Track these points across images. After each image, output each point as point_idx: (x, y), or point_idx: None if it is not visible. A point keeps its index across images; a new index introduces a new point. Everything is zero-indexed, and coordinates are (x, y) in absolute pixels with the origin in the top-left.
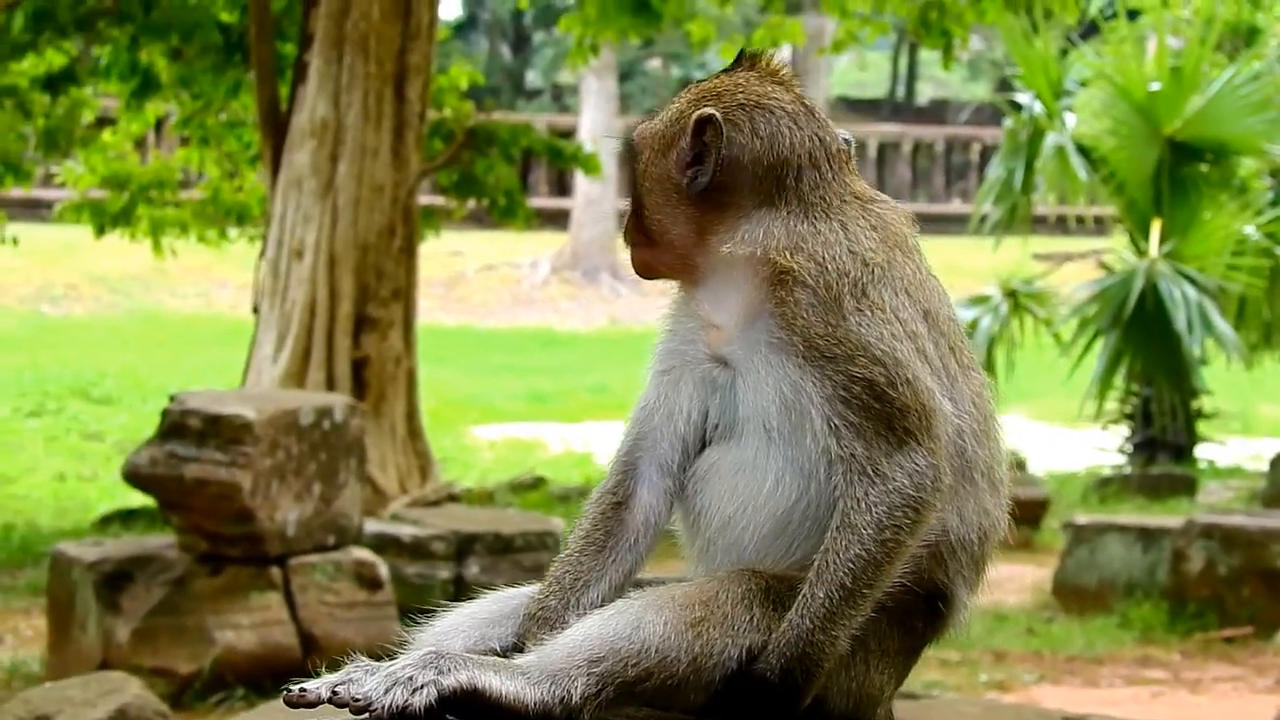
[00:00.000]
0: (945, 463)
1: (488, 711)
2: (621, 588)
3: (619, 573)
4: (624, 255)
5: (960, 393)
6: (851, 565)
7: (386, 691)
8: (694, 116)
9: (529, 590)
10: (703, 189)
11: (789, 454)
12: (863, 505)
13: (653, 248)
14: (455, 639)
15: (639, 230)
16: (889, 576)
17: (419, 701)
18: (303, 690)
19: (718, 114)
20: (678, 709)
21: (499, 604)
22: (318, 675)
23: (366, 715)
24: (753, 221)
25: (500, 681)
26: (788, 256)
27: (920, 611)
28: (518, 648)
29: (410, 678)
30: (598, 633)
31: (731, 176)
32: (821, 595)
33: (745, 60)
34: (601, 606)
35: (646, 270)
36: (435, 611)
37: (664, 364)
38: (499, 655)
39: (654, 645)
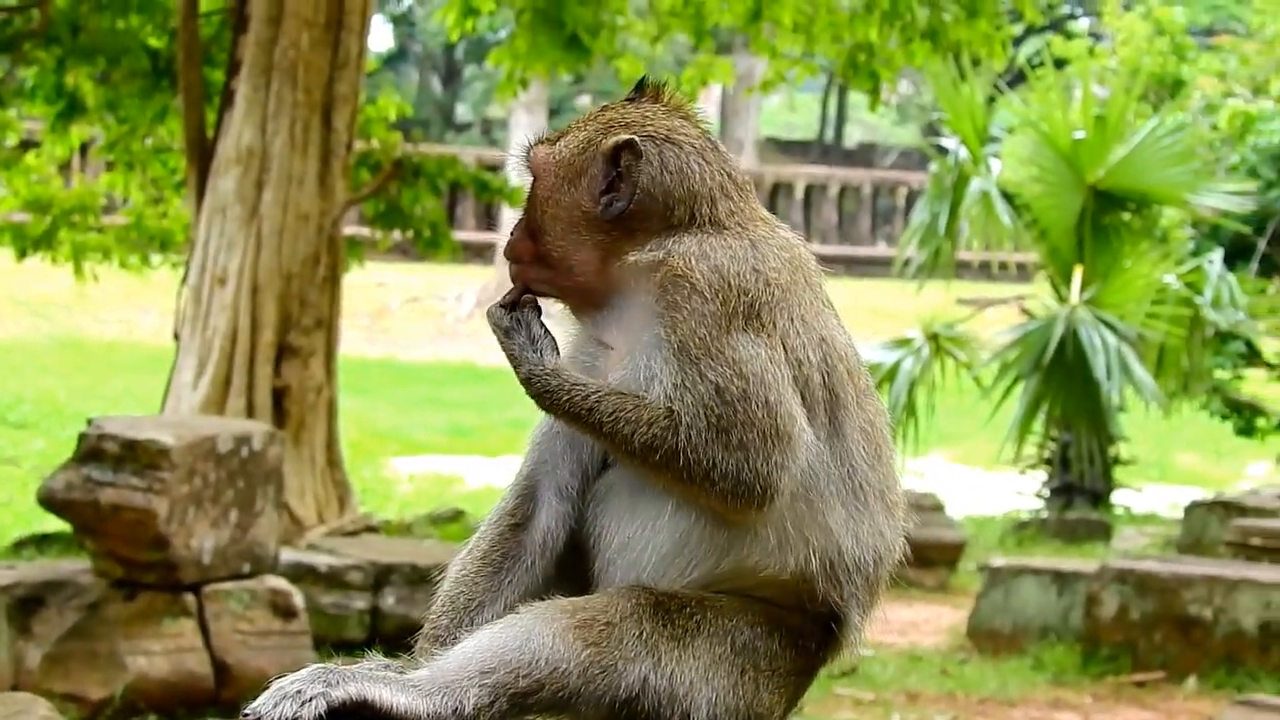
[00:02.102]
0: (775, 486)
1: None
2: (515, 609)
3: (514, 594)
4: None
5: (853, 419)
6: (614, 423)
7: (275, 705)
8: (610, 143)
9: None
10: (615, 215)
11: None
12: (672, 426)
13: (548, 270)
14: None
15: (534, 253)
16: (624, 456)
17: (308, 714)
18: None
19: (637, 139)
20: None
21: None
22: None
23: None
24: (663, 239)
25: (391, 693)
26: (691, 262)
27: (813, 632)
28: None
29: (299, 691)
30: (488, 644)
31: (644, 205)
32: (594, 400)
33: (648, 91)
34: None
35: (527, 286)
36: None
37: None
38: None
39: (544, 656)
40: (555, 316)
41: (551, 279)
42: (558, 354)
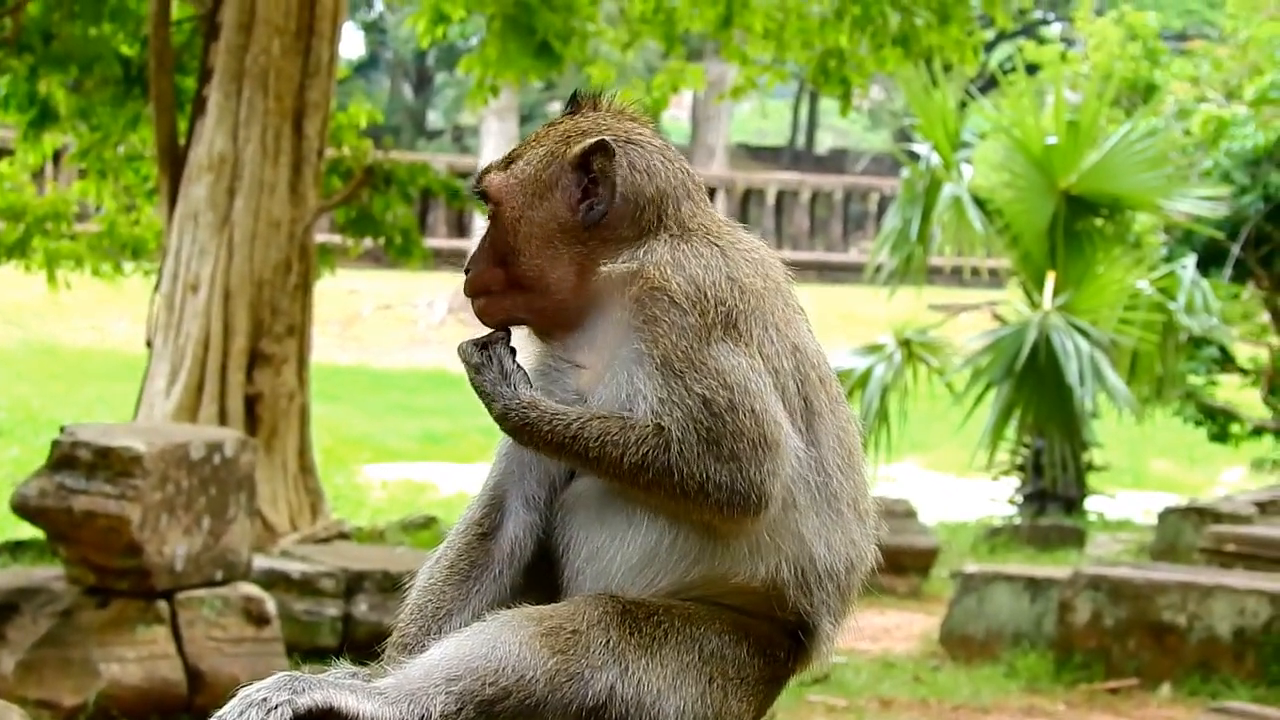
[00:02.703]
0: (766, 495)
1: None
2: (483, 617)
3: (482, 602)
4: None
5: (826, 426)
6: (600, 448)
7: (241, 714)
8: (577, 150)
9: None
10: (597, 220)
11: None
12: (662, 443)
13: (521, 294)
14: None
15: (504, 281)
16: (614, 478)
17: None
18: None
19: (608, 140)
20: None
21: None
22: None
23: None
24: (635, 248)
25: (357, 700)
26: (667, 273)
27: (783, 641)
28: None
29: (265, 699)
30: (454, 652)
31: (620, 207)
32: (576, 427)
33: (585, 102)
34: None
35: (498, 318)
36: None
37: None
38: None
39: (510, 664)
40: (522, 341)
41: (526, 303)
42: (530, 386)
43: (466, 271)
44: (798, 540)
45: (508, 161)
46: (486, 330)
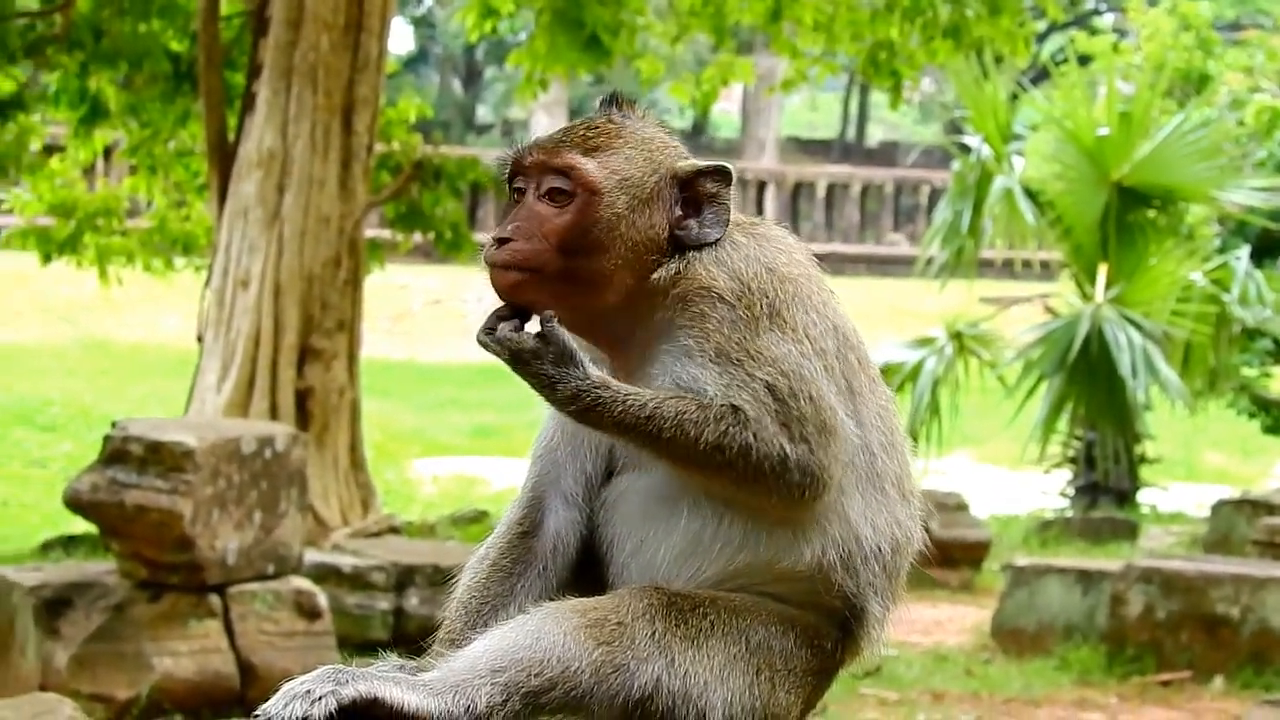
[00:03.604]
0: (832, 478)
1: None
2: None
3: (528, 598)
4: None
5: (868, 406)
6: (678, 426)
7: (286, 705)
8: (690, 166)
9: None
10: (704, 243)
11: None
12: (740, 421)
13: (571, 286)
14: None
15: (565, 268)
16: (684, 460)
17: (318, 712)
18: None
19: (728, 167)
20: None
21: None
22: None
23: None
24: (684, 252)
25: (401, 692)
26: (711, 271)
27: (830, 632)
28: None
29: (309, 691)
30: (499, 644)
31: None
32: (652, 406)
33: (621, 104)
34: None
35: (526, 298)
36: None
37: None
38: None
39: (555, 655)
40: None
41: (568, 294)
42: (594, 364)
43: (502, 240)
44: (843, 522)
45: (586, 147)
46: (507, 309)
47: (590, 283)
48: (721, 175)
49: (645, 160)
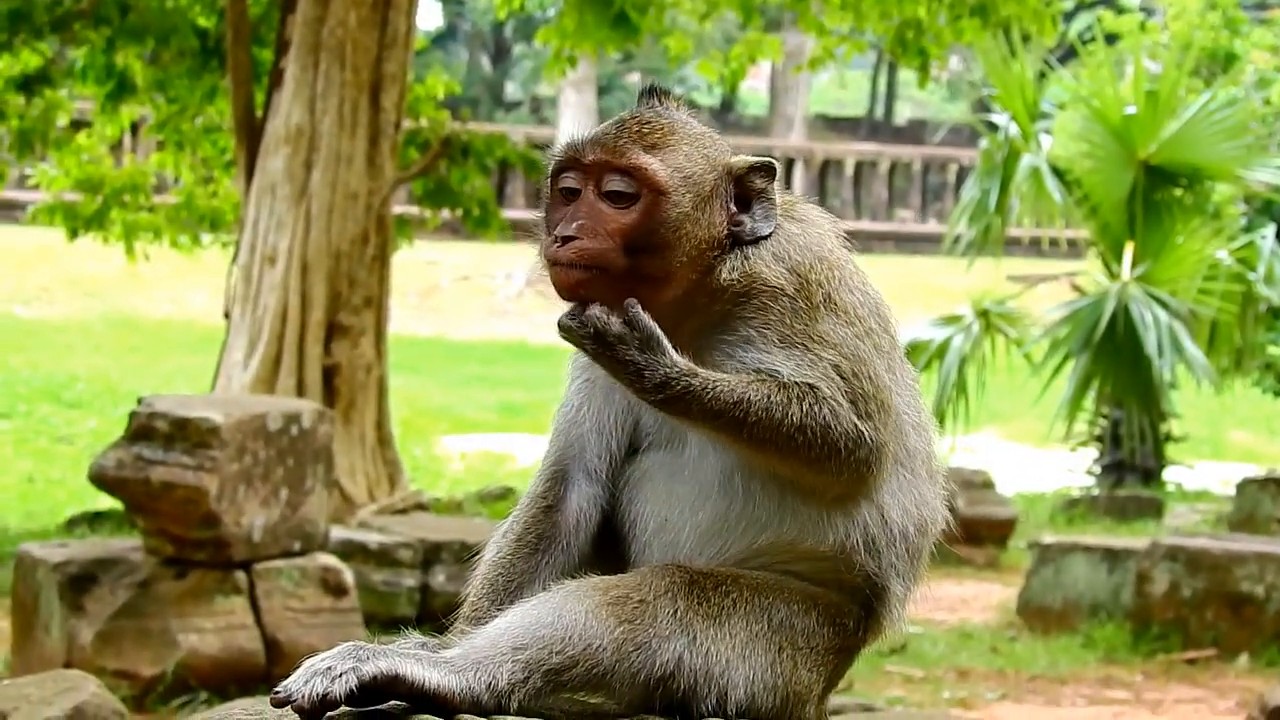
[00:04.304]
0: (890, 455)
1: (412, 699)
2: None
3: (551, 574)
4: None
5: (900, 384)
6: (766, 409)
7: (306, 683)
8: (744, 163)
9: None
10: (757, 239)
11: (730, 458)
12: (820, 399)
13: (637, 285)
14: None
15: (632, 267)
16: (766, 442)
17: (338, 689)
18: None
19: (775, 163)
20: (613, 703)
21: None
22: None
23: (289, 708)
24: (743, 247)
25: (423, 669)
26: (773, 269)
27: (852, 610)
28: None
29: (329, 668)
30: (520, 621)
31: None
32: (740, 391)
33: (662, 97)
34: None
35: (588, 295)
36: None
37: (589, 372)
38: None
39: (577, 632)
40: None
41: (630, 292)
42: (679, 353)
43: (563, 240)
44: (872, 503)
45: (649, 144)
46: (570, 303)
47: (654, 280)
48: (768, 171)
49: (703, 158)
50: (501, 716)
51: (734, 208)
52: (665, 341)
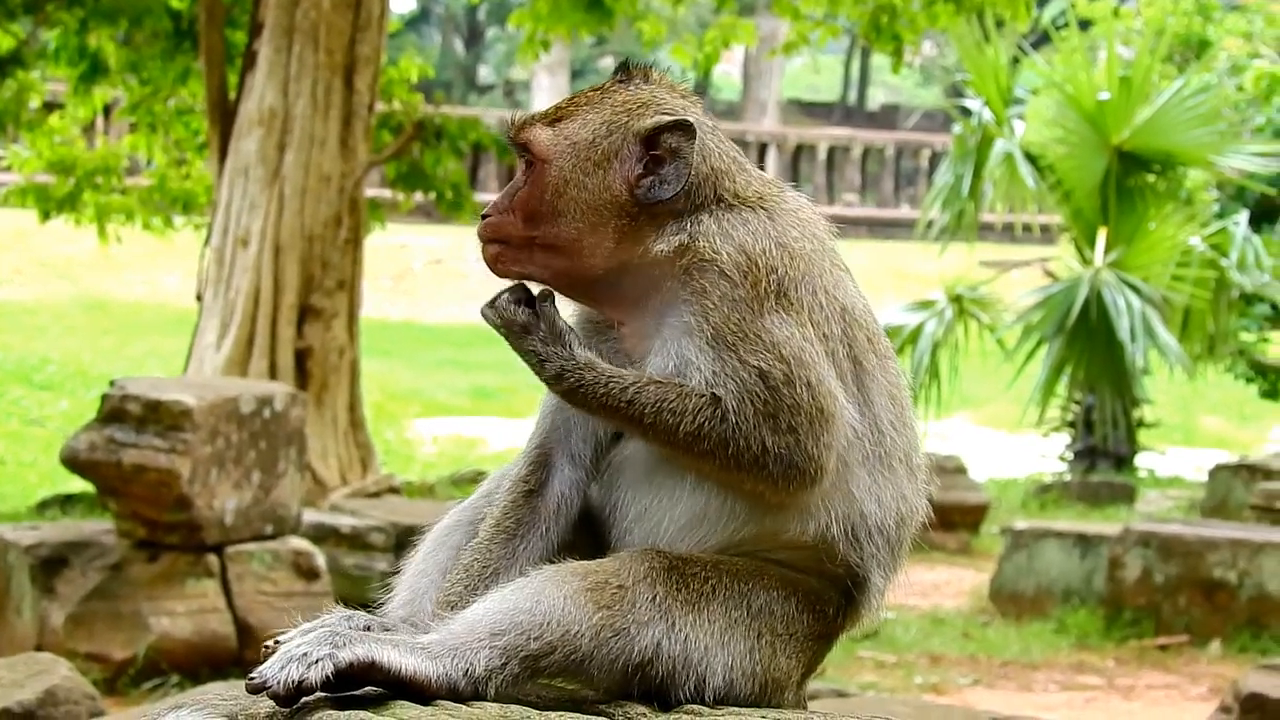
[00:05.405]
0: (823, 467)
1: (388, 686)
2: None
3: (529, 560)
4: None
5: (877, 384)
6: (657, 414)
7: (282, 669)
8: (648, 124)
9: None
10: (661, 199)
11: None
12: (719, 414)
13: (544, 254)
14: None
15: (524, 237)
16: (666, 444)
17: (315, 676)
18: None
19: (693, 121)
20: (591, 690)
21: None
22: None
23: (266, 694)
24: (683, 220)
25: (399, 655)
26: (716, 244)
27: (832, 597)
28: None
29: (305, 654)
30: (498, 607)
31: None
32: (633, 392)
33: (636, 72)
34: None
35: (511, 270)
36: (371, 603)
37: None
38: None
39: (555, 618)
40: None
41: (546, 262)
42: (583, 346)
43: (484, 216)
44: (849, 498)
45: (553, 118)
46: (505, 284)
47: (562, 250)
48: (684, 130)
49: (606, 122)
50: (479, 703)
51: (639, 170)
52: (569, 335)
